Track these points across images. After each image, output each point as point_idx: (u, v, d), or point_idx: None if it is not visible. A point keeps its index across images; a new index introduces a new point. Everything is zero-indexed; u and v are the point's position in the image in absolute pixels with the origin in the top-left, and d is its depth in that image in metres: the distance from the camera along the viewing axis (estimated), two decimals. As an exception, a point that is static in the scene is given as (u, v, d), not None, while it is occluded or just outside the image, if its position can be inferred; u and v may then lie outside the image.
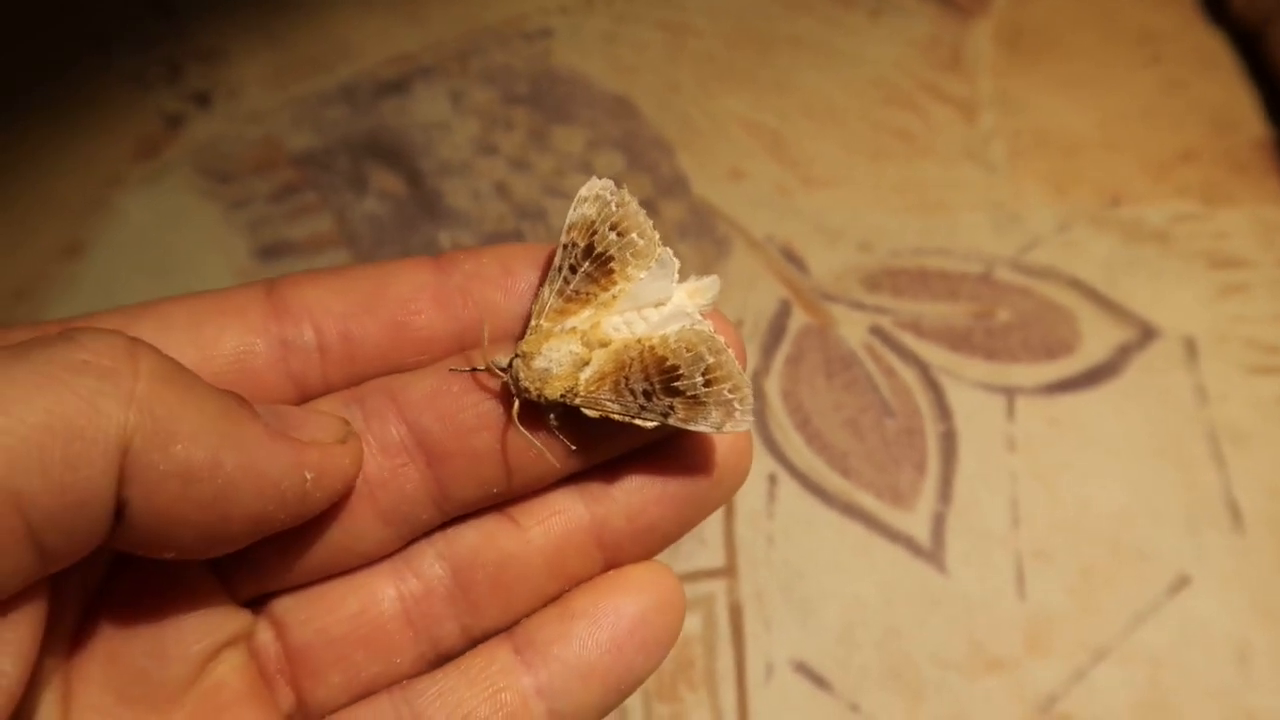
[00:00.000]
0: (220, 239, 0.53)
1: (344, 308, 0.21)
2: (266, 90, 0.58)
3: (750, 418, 0.20)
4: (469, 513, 0.21)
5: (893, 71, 0.59)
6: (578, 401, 0.20)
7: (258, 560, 0.20)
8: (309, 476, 0.19)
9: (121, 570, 0.20)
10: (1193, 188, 0.53)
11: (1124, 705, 0.40)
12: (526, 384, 0.20)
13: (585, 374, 0.20)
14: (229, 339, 0.20)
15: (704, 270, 0.50)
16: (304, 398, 0.21)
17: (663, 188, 0.54)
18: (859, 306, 0.49)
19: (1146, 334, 0.48)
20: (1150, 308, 0.49)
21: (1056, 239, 0.51)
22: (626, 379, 0.20)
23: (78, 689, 0.19)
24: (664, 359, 0.20)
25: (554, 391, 0.20)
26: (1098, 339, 0.48)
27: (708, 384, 0.20)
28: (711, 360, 0.20)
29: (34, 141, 0.56)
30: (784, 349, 0.48)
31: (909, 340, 0.48)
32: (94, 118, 0.57)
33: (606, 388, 0.20)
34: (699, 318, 0.21)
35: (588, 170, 0.54)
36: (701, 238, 0.52)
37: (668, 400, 0.20)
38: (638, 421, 0.20)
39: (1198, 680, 0.40)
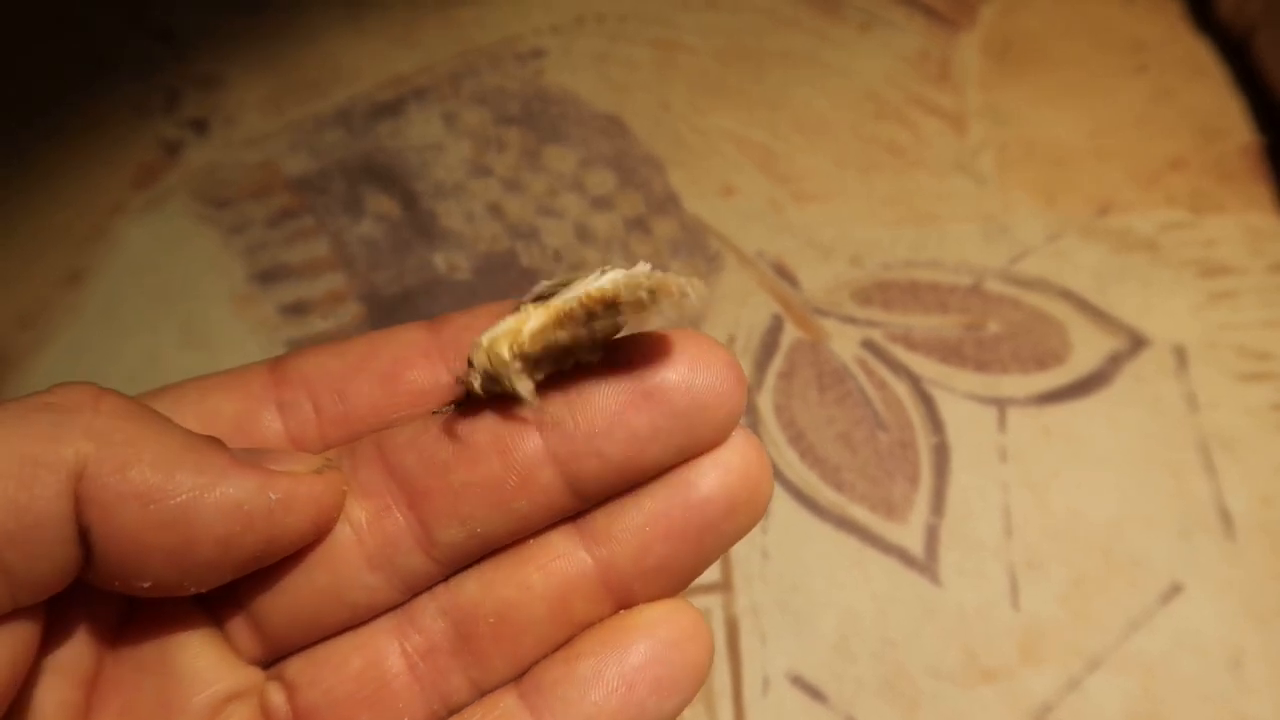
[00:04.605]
0: (219, 264, 0.53)
1: (339, 369, 0.21)
2: (263, 116, 0.59)
3: (702, 283, 0.19)
4: (467, 564, 0.21)
5: (882, 85, 0.59)
6: (526, 346, 0.19)
7: (257, 617, 0.21)
8: (273, 497, 0.19)
9: (129, 625, 0.21)
10: (1182, 196, 0.53)
11: (1118, 713, 0.40)
12: (478, 354, 0.19)
13: (529, 326, 0.20)
14: (229, 407, 0.21)
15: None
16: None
17: (654, 205, 0.54)
18: (850, 320, 0.50)
19: (1136, 343, 0.48)
20: (1140, 317, 0.49)
21: (1046, 249, 0.52)
22: (570, 315, 0.19)
23: None
24: (603, 295, 0.19)
25: (502, 345, 0.19)
26: (1088, 348, 0.48)
27: (652, 295, 0.19)
28: (650, 283, 0.19)
29: (35, 171, 0.57)
30: (776, 364, 0.48)
31: (900, 353, 0.48)
32: (94, 146, 0.58)
33: (550, 329, 0.20)
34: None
35: (580, 189, 0.55)
36: (694, 254, 0.52)
37: (616, 318, 0.19)
38: (594, 330, 0.19)
39: (1191, 687, 0.40)
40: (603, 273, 0.20)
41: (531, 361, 0.20)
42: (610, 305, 0.19)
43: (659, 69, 0.60)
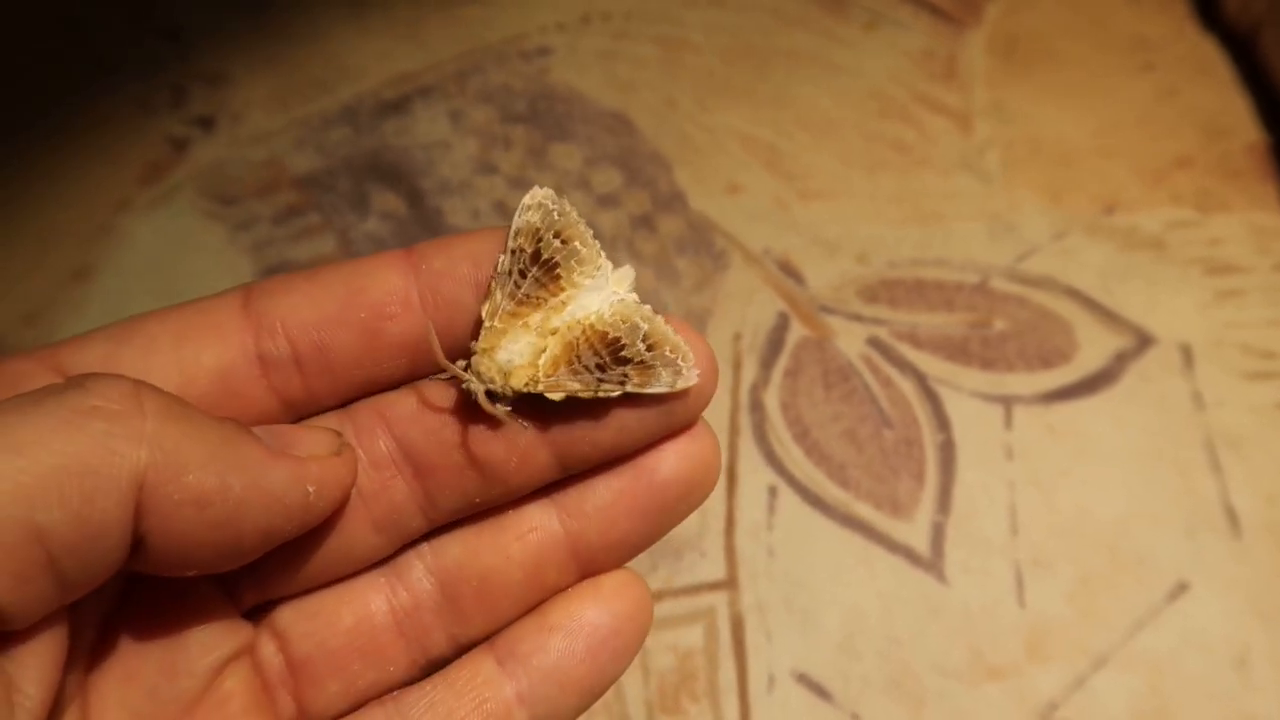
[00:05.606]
0: (226, 261, 0.53)
1: (317, 318, 0.21)
2: (269, 113, 0.59)
3: (696, 371, 0.21)
4: (455, 521, 0.22)
5: (888, 84, 0.59)
6: (541, 388, 0.21)
7: (261, 570, 0.21)
8: (311, 489, 0.20)
9: (132, 591, 0.21)
10: (1187, 195, 0.53)
11: (1124, 711, 0.40)
12: (492, 374, 0.21)
13: (542, 360, 0.21)
14: (209, 358, 0.21)
15: (702, 283, 0.51)
16: (289, 408, 0.22)
17: (661, 203, 0.54)
18: (856, 318, 0.50)
19: (1143, 341, 0.48)
20: (1146, 315, 0.49)
21: (1052, 248, 0.52)
22: (578, 357, 0.21)
23: (95, 711, 0.20)
24: (605, 333, 0.21)
25: (519, 380, 0.21)
26: (1094, 347, 0.48)
27: (650, 349, 0.21)
28: (647, 327, 0.21)
29: (42, 168, 0.57)
30: (782, 361, 0.48)
31: (906, 351, 0.48)
32: (100, 143, 0.58)
33: (563, 369, 0.21)
34: (623, 293, 0.22)
35: (586, 187, 0.55)
36: (700, 252, 0.52)
37: (620, 369, 0.21)
38: (602, 392, 0.21)
39: (1197, 685, 0.40)
40: (600, 257, 0.22)
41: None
42: (616, 353, 0.21)
43: (665, 67, 0.60)
